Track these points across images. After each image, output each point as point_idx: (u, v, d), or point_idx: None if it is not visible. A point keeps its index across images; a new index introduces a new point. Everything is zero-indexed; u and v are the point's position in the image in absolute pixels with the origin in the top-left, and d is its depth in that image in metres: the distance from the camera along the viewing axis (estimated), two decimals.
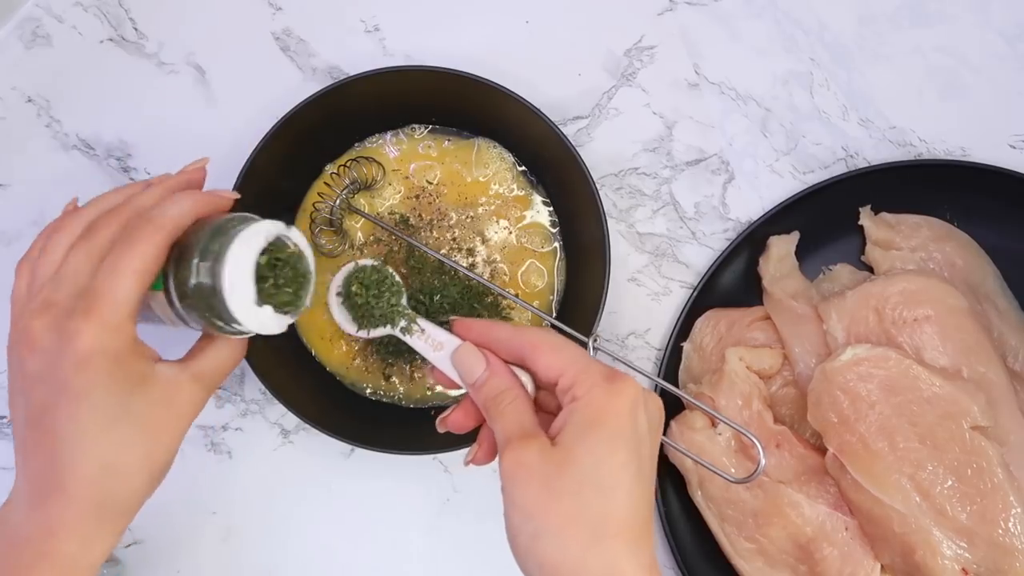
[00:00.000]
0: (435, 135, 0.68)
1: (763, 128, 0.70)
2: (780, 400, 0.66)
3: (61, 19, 0.70)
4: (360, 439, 0.62)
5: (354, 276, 0.52)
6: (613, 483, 0.41)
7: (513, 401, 0.45)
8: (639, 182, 0.70)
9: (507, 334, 0.47)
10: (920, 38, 0.71)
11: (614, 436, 0.42)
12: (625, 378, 0.43)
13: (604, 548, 0.40)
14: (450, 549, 0.68)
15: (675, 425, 0.65)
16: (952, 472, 0.59)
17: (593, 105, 0.70)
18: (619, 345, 0.69)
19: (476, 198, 0.67)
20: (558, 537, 0.40)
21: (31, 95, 0.70)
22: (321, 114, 0.63)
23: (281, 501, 0.67)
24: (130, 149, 0.70)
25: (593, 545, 0.40)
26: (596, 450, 0.41)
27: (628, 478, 0.41)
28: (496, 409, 0.45)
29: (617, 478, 0.41)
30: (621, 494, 0.41)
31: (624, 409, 0.42)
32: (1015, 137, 0.70)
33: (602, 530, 0.40)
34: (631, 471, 0.41)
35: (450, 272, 0.65)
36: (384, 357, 0.66)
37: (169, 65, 0.70)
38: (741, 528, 0.63)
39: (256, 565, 0.67)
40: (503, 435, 0.44)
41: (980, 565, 0.58)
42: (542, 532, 0.40)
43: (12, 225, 0.69)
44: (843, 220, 0.68)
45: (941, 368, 0.61)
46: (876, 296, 0.63)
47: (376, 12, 0.71)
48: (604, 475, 0.41)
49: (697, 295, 0.67)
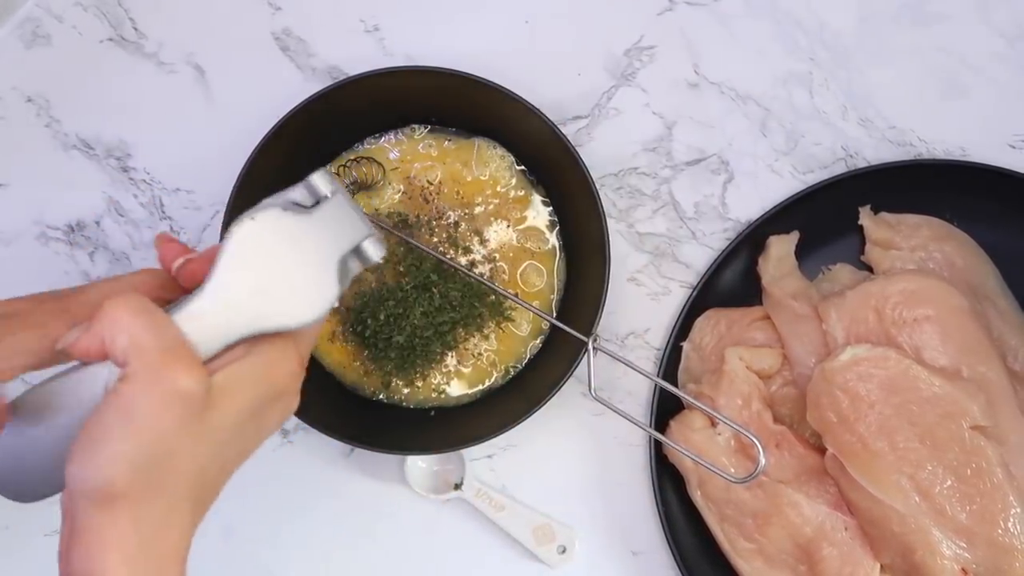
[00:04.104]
0: (435, 135, 0.68)
1: (763, 128, 0.70)
2: (780, 400, 0.66)
3: (61, 19, 0.70)
4: (360, 439, 0.62)
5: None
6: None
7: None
8: (639, 182, 0.70)
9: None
10: (920, 38, 0.71)
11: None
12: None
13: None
14: (450, 549, 0.68)
15: (675, 425, 0.65)
16: (952, 472, 0.59)
17: (593, 105, 0.70)
18: (619, 345, 0.69)
19: (476, 198, 0.67)
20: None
21: (31, 95, 0.70)
22: (321, 114, 0.63)
23: (281, 501, 0.67)
24: (130, 149, 0.70)
25: None
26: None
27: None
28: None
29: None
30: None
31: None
32: (1015, 137, 0.70)
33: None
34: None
35: (450, 272, 0.65)
36: (383, 366, 0.66)
37: (169, 65, 0.70)
38: (741, 528, 0.63)
39: (256, 565, 0.67)
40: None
41: (980, 565, 0.58)
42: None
43: (12, 225, 0.69)
44: (843, 220, 0.68)
45: (941, 368, 0.61)
46: (876, 296, 0.63)
47: (376, 12, 0.71)
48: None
49: (697, 295, 0.67)
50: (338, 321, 0.66)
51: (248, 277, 0.42)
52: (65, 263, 0.69)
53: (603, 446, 0.68)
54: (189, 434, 0.38)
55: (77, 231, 0.69)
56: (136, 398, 0.37)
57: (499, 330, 0.67)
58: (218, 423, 0.39)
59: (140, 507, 0.37)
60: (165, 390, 0.37)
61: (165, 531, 0.38)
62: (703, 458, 0.57)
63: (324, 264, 0.44)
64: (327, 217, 0.45)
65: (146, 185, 0.69)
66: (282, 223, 0.43)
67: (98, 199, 0.69)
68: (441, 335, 0.65)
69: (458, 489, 0.66)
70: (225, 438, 0.40)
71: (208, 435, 0.39)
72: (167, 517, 0.38)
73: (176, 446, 0.38)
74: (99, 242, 0.69)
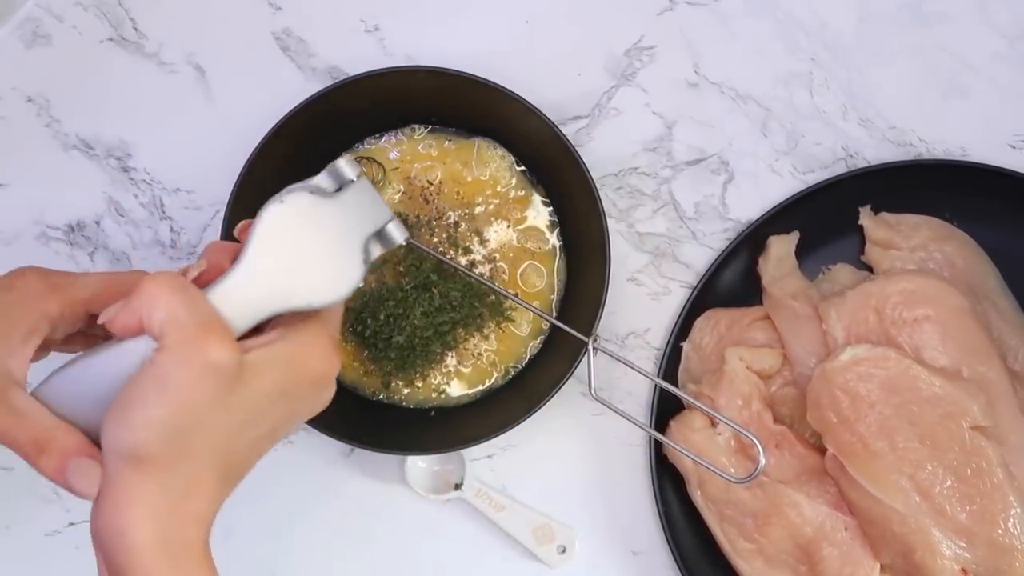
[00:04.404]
0: (435, 135, 0.68)
1: (763, 128, 0.70)
2: (780, 400, 0.66)
3: (61, 19, 0.70)
4: (360, 439, 0.62)
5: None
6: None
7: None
8: (639, 182, 0.70)
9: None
10: (920, 38, 0.71)
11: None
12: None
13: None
14: (450, 549, 0.68)
15: (675, 425, 0.65)
16: (952, 472, 0.59)
17: (593, 105, 0.70)
18: (619, 345, 0.69)
19: (476, 198, 0.67)
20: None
21: (31, 95, 0.70)
22: (321, 114, 0.63)
23: (281, 501, 0.67)
24: (130, 149, 0.70)
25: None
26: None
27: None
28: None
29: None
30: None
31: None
32: (1015, 137, 0.70)
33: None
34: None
35: (450, 272, 0.65)
36: (383, 366, 0.66)
37: (169, 65, 0.70)
38: (741, 528, 0.63)
39: (256, 565, 0.67)
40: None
41: (980, 565, 0.58)
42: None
43: (12, 225, 0.69)
44: (843, 220, 0.68)
45: (941, 368, 0.61)
46: (876, 296, 0.63)
47: (376, 12, 0.71)
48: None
49: (697, 295, 0.67)
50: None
51: (278, 257, 0.43)
52: (65, 263, 0.69)
53: (603, 446, 0.68)
54: (219, 405, 0.40)
55: (77, 231, 0.69)
56: (171, 368, 0.39)
57: (499, 330, 0.67)
58: (248, 399, 0.41)
59: (168, 470, 0.39)
60: (199, 361, 0.39)
61: (191, 496, 0.40)
62: (703, 458, 0.57)
63: (349, 245, 0.46)
64: (352, 201, 0.47)
65: (146, 185, 0.70)
66: (310, 206, 0.45)
67: (98, 199, 0.69)
68: (441, 335, 0.65)
69: (458, 489, 0.66)
70: (254, 415, 0.42)
71: (237, 409, 0.41)
72: (193, 483, 0.40)
73: (206, 416, 0.39)
74: (99, 242, 0.69)
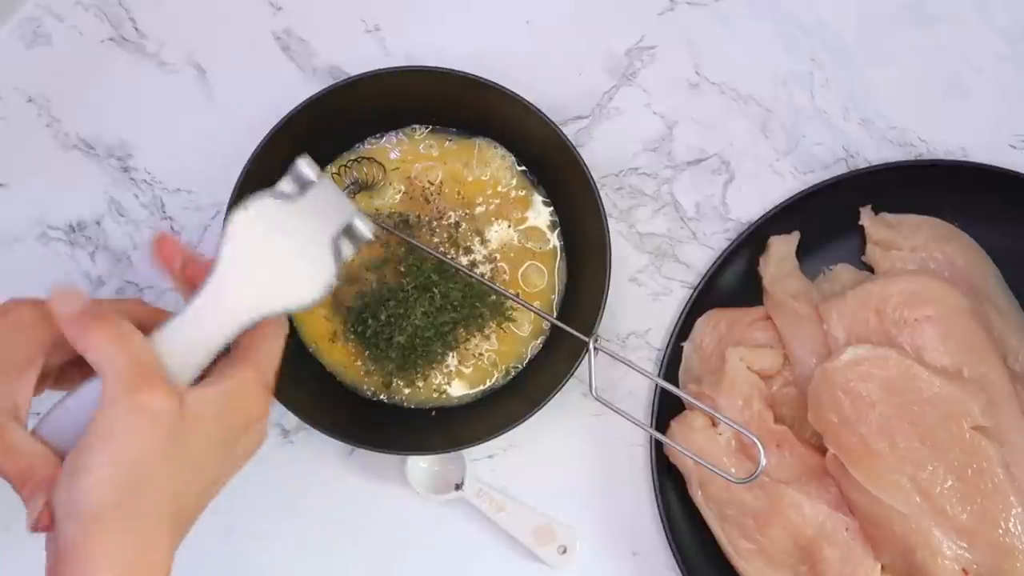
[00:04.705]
0: (436, 135, 0.68)
1: (763, 128, 0.70)
2: (780, 400, 0.66)
3: (61, 19, 0.70)
4: (360, 439, 0.62)
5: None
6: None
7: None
8: (639, 182, 0.70)
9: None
10: (920, 38, 0.71)
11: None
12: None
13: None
14: (451, 549, 0.68)
15: (675, 425, 0.65)
16: (952, 472, 0.59)
17: (593, 105, 0.70)
18: (619, 345, 0.69)
19: (477, 198, 0.67)
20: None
21: (31, 95, 0.70)
22: (321, 114, 0.63)
23: (281, 501, 0.67)
24: (130, 149, 0.70)
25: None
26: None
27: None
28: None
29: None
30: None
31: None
32: (1016, 137, 0.70)
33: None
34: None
35: (451, 272, 0.65)
36: (384, 366, 0.66)
37: (169, 65, 0.70)
38: (741, 528, 0.63)
39: (256, 565, 0.67)
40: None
41: (980, 565, 0.58)
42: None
43: (12, 225, 0.69)
44: (843, 220, 0.68)
45: (942, 368, 0.61)
46: (876, 296, 0.63)
47: (376, 12, 0.71)
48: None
49: (697, 295, 0.67)
50: (339, 321, 0.66)
51: (249, 263, 0.44)
52: (66, 263, 0.69)
53: (604, 446, 0.68)
54: (165, 456, 0.40)
55: (78, 231, 0.69)
56: (113, 423, 0.39)
57: (500, 330, 0.67)
58: (190, 445, 0.41)
59: (125, 527, 0.39)
60: (139, 411, 0.39)
61: (149, 550, 0.40)
62: (704, 458, 0.57)
63: (319, 246, 0.47)
64: (316, 201, 0.48)
65: (147, 185, 0.69)
66: (275, 210, 0.46)
67: (99, 199, 0.69)
68: (442, 335, 0.65)
69: (459, 489, 0.66)
70: (199, 462, 0.42)
71: (183, 457, 0.41)
72: (150, 536, 0.40)
73: (154, 468, 0.40)
74: (100, 242, 0.69)
